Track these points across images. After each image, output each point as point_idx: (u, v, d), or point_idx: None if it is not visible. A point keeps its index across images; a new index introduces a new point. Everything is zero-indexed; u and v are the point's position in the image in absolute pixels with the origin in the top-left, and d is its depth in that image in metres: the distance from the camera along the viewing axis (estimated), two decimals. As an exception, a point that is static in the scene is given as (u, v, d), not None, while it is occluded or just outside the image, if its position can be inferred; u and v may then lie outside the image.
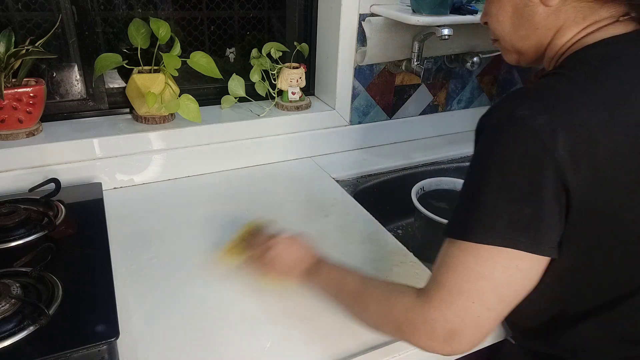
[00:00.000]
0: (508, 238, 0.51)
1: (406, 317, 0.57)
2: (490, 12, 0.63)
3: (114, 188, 1.09)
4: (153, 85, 1.09)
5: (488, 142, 0.53)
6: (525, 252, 0.52)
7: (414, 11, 1.11)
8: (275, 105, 1.28)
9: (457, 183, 1.22)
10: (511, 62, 0.67)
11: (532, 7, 0.57)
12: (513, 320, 0.67)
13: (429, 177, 1.22)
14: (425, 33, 1.19)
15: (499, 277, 0.52)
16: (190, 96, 1.13)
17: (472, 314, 0.53)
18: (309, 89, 1.39)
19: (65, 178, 0.99)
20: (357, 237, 0.96)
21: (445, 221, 1.03)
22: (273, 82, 1.28)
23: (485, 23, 0.66)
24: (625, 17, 0.54)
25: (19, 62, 1.00)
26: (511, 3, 0.59)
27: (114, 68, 1.14)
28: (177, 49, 1.12)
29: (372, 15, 1.20)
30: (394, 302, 0.60)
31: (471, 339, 0.54)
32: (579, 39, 0.56)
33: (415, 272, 0.88)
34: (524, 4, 0.57)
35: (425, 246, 1.14)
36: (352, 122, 1.34)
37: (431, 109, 1.47)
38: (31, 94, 1.00)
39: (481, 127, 0.55)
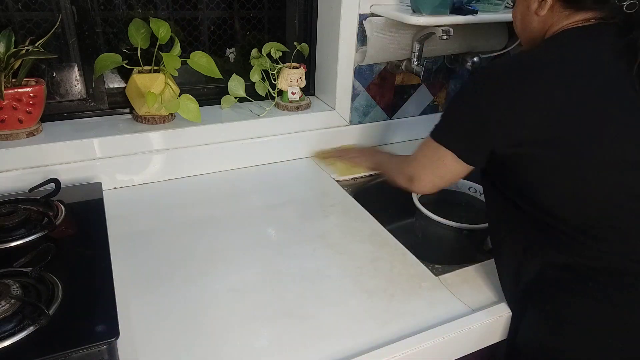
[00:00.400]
0: (451, 144, 0.78)
1: (397, 170, 0.93)
2: (513, 17, 0.88)
3: (114, 188, 1.09)
4: (153, 85, 1.09)
5: (471, 78, 0.81)
6: (458, 158, 0.78)
7: (414, 11, 1.11)
8: (275, 105, 1.28)
9: (458, 183, 1.22)
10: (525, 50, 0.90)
11: (530, 16, 0.81)
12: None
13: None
14: (425, 33, 1.19)
15: (437, 163, 0.82)
16: (190, 96, 1.13)
17: (419, 173, 0.86)
18: (309, 89, 1.39)
19: (65, 178, 0.99)
20: (357, 237, 0.96)
21: (445, 221, 1.05)
22: (273, 82, 1.28)
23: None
24: (594, 20, 0.74)
25: (19, 62, 1.00)
26: (519, 12, 0.84)
27: (114, 68, 1.14)
28: (177, 49, 1.12)
29: (372, 15, 1.20)
30: (397, 164, 0.95)
31: (418, 185, 0.87)
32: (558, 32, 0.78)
33: (415, 272, 0.88)
34: (525, 13, 0.82)
35: (426, 246, 1.14)
36: (352, 122, 1.34)
37: (431, 109, 1.46)
38: (31, 94, 1.00)
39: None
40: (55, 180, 0.95)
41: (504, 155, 0.73)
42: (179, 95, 1.13)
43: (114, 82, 1.18)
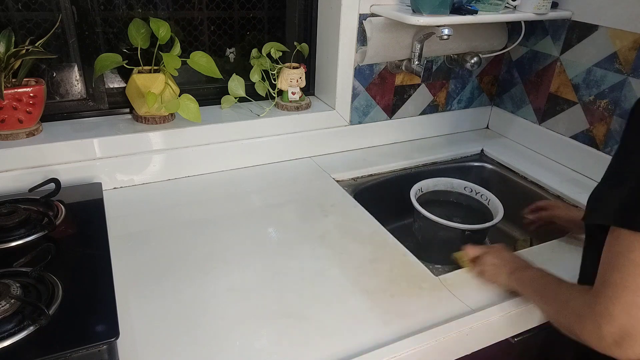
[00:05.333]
0: None
1: (577, 313, 0.57)
2: None
3: (114, 188, 1.09)
4: (153, 85, 1.09)
5: None
6: None
7: (414, 11, 1.11)
8: (275, 105, 1.28)
9: (454, 183, 1.22)
10: None
11: None
12: None
13: (429, 177, 1.22)
14: (425, 33, 1.19)
15: None
16: (190, 96, 1.13)
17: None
18: (309, 89, 1.39)
19: (65, 178, 0.99)
20: (357, 237, 0.96)
21: (444, 222, 1.04)
22: (273, 82, 1.28)
23: None
24: None
25: (19, 62, 1.00)
26: None
27: (114, 68, 1.14)
28: (177, 49, 1.12)
29: (372, 15, 1.20)
30: (568, 298, 0.61)
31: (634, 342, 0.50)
32: None
33: (415, 272, 0.88)
34: None
35: (425, 246, 1.14)
36: (352, 122, 1.34)
37: (431, 109, 1.47)
38: (31, 94, 1.00)
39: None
40: (55, 180, 0.95)
41: None
42: (179, 95, 1.13)
43: (114, 82, 1.18)
